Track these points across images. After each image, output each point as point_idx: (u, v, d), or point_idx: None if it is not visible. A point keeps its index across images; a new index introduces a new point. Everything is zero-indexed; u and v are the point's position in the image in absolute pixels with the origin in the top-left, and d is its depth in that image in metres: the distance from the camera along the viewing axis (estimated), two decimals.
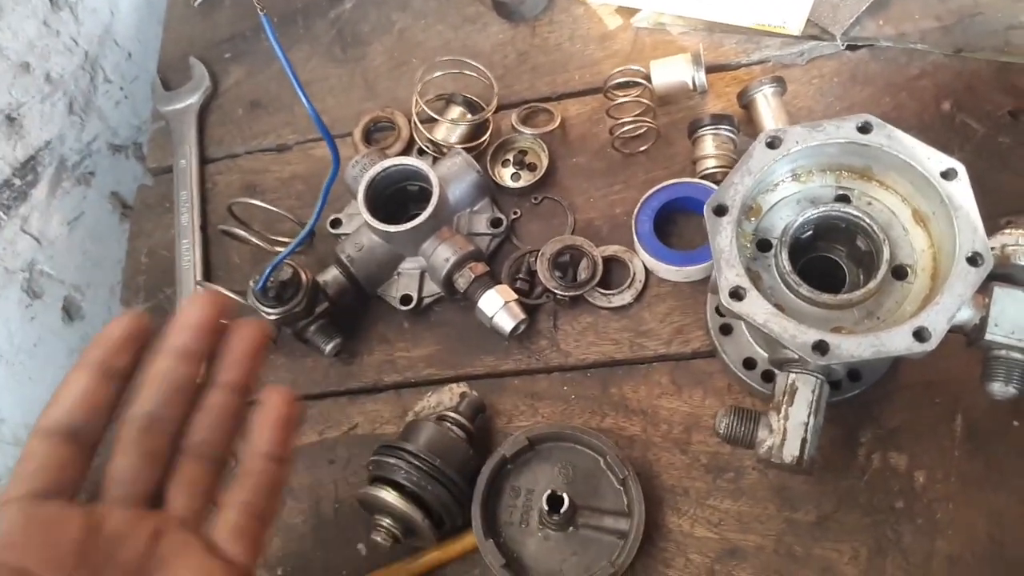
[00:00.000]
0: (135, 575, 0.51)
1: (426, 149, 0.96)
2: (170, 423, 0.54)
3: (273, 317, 0.81)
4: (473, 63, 0.95)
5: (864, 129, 0.66)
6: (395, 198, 0.89)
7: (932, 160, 0.64)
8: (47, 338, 1.02)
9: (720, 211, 0.65)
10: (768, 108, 0.88)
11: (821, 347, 0.60)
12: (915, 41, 0.93)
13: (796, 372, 0.66)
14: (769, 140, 0.66)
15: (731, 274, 0.63)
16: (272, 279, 0.79)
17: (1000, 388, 0.65)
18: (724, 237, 0.64)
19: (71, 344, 1.06)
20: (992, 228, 0.66)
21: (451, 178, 0.89)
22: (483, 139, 0.95)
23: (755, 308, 0.62)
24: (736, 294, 0.62)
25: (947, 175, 0.63)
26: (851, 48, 0.94)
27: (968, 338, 0.66)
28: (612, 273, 0.88)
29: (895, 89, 0.91)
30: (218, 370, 0.55)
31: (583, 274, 0.86)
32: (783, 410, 0.65)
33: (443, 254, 0.84)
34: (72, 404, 0.51)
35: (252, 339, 0.56)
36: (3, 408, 0.95)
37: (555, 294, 0.86)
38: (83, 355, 0.53)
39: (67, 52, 1.08)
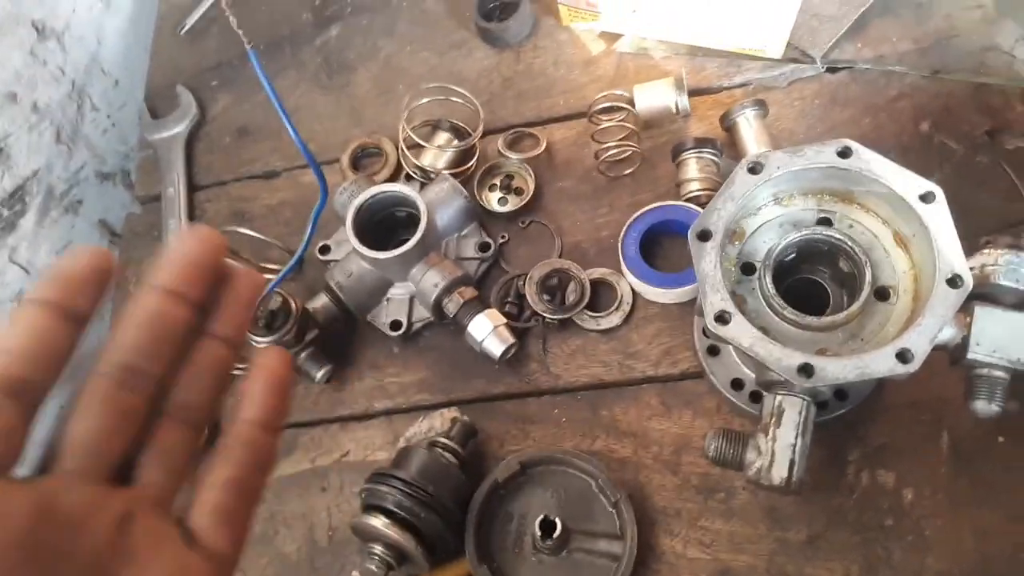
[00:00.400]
0: (96, 571, 0.39)
1: (413, 175, 0.97)
2: (151, 378, 0.42)
3: (263, 346, 0.81)
4: (459, 89, 0.96)
5: (844, 154, 0.67)
6: (383, 224, 0.89)
7: (910, 184, 0.65)
8: None
9: (704, 236, 0.66)
10: (750, 130, 0.90)
11: (806, 370, 0.61)
12: (893, 63, 0.94)
13: (783, 394, 0.66)
14: (751, 166, 0.68)
15: (716, 298, 0.64)
16: (261, 309, 0.79)
17: (984, 406, 0.65)
18: (708, 262, 0.65)
19: (64, 373, 1.05)
20: (972, 247, 0.67)
21: (438, 204, 0.89)
22: (470, 164, 0.96)
23: (741, 332, 0.62)
24: (722, 318, 0.63)
25: (925, 198, 0.65)
26: (831, 71, 0.95)
27: (951, 357, 0.67)
28: (600, 296, 0.89)
29: (875, 110, 0.92)
30: (212, 320, 0.45)
31: (571, 297, 0.87)
32: (771, 432, 0.65)
33: (432, 279, 0.85)
34: (20, 350, 0.39)
35: (254, 288, 0.47)
36: None
37: (544, 317, 0.87)
38: (34, 290, 0.41)
39: (54, 81, 1.08)
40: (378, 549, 0.73)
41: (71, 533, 0.38)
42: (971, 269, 0.65)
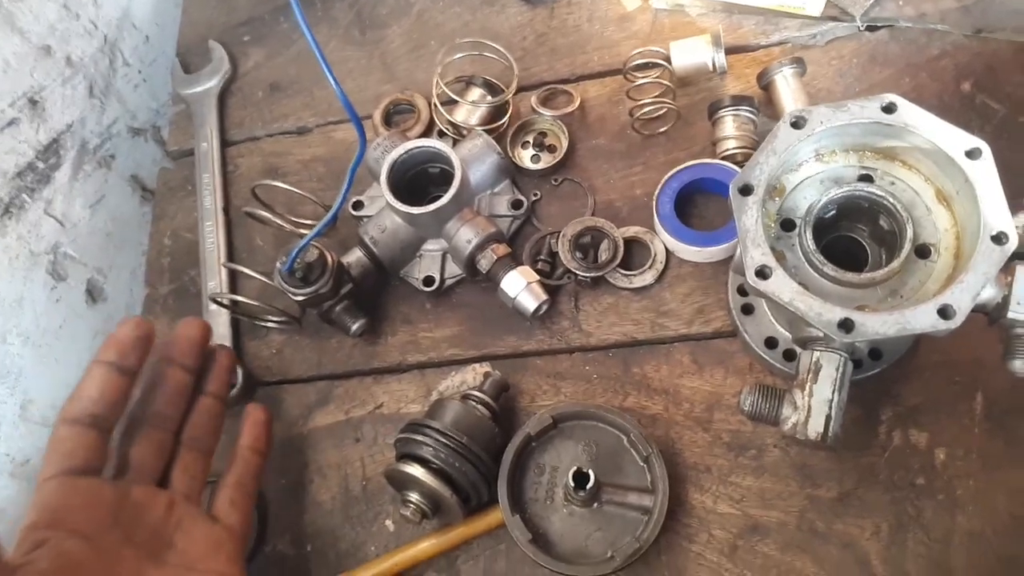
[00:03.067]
0: (159, 536, 0.66)
1: (446, 131, 0.97)
2: (173, 420, 0.73)
3: (300, 298, 0.82)
4: (493, 44, 0.96)
5: (888, 109, 0.66)
6: (417, 180, 0.89)
7: (956, 140, 0.65)
8: (71, 320, 1.04)
9: (746, 191, 0.65)
10: (788, 89, 0.89)
11: (846, 325, 0.61)
12: (935, 21, 0.93)
13: (820, 350, 0.66)
14: (794, 120, 0.67)
15: (757, 253, 0.63)
16: (299, 261, 0.79)
17: (1022, 365, 0.65)
18: (750, 216, 0.64)
19: (95, 326, 1.07)
20: (1013, 208, 0.66)
21: (472, 160, 0.89)
22: (503, 121, 0.95)
23: (781, 287, 0.62)
24: (762, 273, 0.63)
25: (971, 154, 0.64)
26: (870, 29, 0.94)
27: (990, 317, 0.66)
28: (633, 254, 0.89)
29: (915, 70, 0.91)
30: (205, 382, 0.77)
31: (604, 255, 0.87)
32: (807, 387, 0.66)
33: (465, 235, 0.85)
34: (93, 396, 0.65)
35: (230, 360, 0.80)
36: (31, 389, 0.96)
37: (576, 275, 0.87)
38: (99, 353, 0.68)
39: (86, 35, 1.08)
40: (414, 497, 0.74)
41: (140, 511, 0.66)
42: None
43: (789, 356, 0.78)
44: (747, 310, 0.81)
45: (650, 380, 0.84)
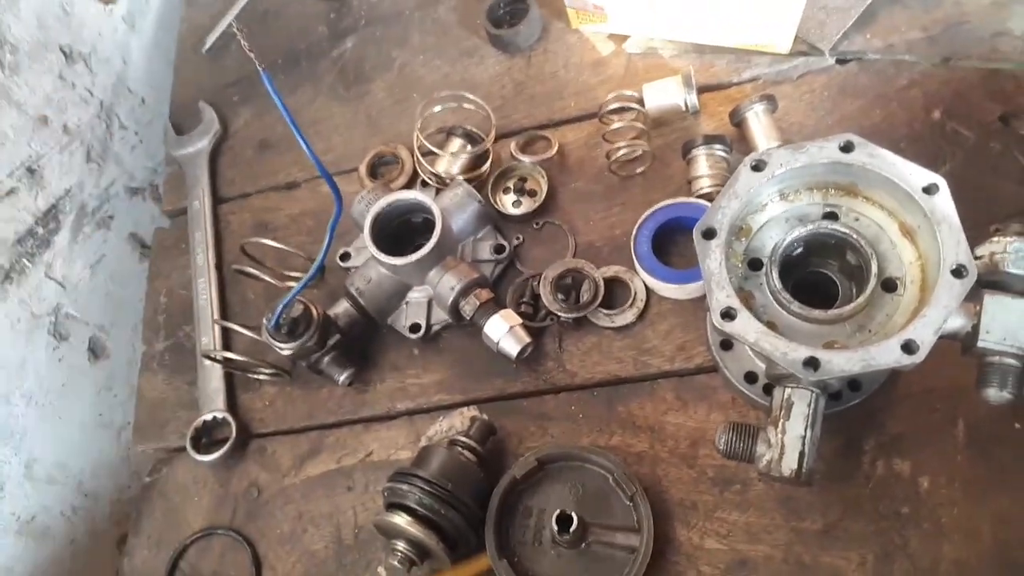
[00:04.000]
0: None
1: (429, 181, 0.99)
2: None
3: (287, 352, 0.84)
4: (471, 96, 0.98)
5: (846, 148, 0.68)
6: (401, 230, 0.92)
7: (913, 176, 0.66)
8: (74, 378, 1.06)
9: (709, 235, 0.67)
10: (760, 125, 0.90)
11: (812, 363, 0.62)
12: (903, 52, 0.94)
13: (791, 387, 0.67)
14: (754, 164, 0.68)
15: (722, 295, 0.65)
16: (284, 316, 0.82)
17: (995, 394, 0.66)
18: (713, 260, 0.66)
19: (98, 381, 1.10)
20: (984, 235, 0.67)
21: (454, 208, 0.91)
22: (484, 168, 0.98)
23: (746, 328, 0.64)
24: (728, 314, 0.64)
25: (929, 190, 0.65)
26: (840, 62, 0.95)
27: (962, 346, 0.67)
28: (614, 294, 0.90)
29: (885, 100, 0.92)
30: None
31: (585, 296, 0.89)
32: (780, 424, 0.66)
33: (449, 282, 0.87)
34: None
35: None
36: (35, 448, 0.99)
37: (559, 316, 0.88)
38: None
39: (83, 103, 1.12)
40: (401, 546, 0.75)
41: None
42: (979, 257, 0.66)
43: (769, 390, 0.79)
44: (726, 345, 0.82)
45: (635, 418, 0.85)
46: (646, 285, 0.89)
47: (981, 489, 0.75)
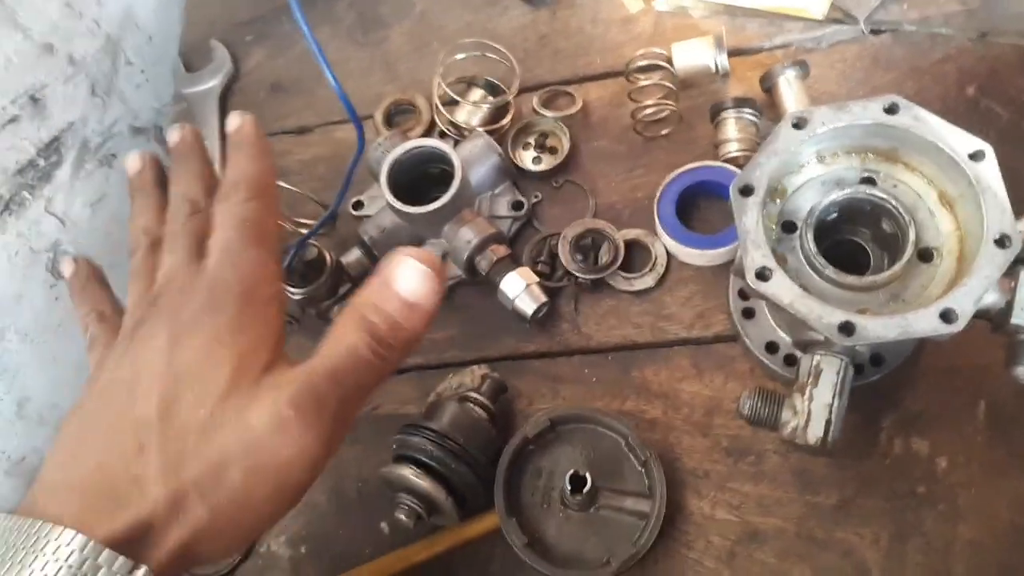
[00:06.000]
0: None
1: (447, 132, 0.96)
2: None
3: (298, 297, 0.81)
4: (495, 45, 0.95)
5: (891, 110, 0.66)
6: (417, 180, 0.89)
7: (959, 141, 0.64)
8: (70, 318, 1.03)
9: (746, 191, 0.65)
10: (791, 92, 0.88)
11: (847, 328, 0.60)
12: (939, 25, 0.92)
13: (821, 354, 0.65)
14: (795, 121, 0.66)
15: (757, 255, 0.63)
16: (297, 259, 0.79)
17: None
18: (750, 217, 0.64)
19: None
20: (1017, 213, 0.65)
21: (473, 160, 0.89)
22: (504, 122, 0.95)
23: (781, 289, 0.62)
24: (762, 275, 0.62)
25: (975, 156, 0.63)
26: (874, 32, 0.93)
27: (993, 323, 0.65)
28: (633, 257, 0.88)
29: (918, 74, 0.90)
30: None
31: (604, 258, 0.86)
32: (807, 391, 0.65)
33: (465, 236, 0.84)
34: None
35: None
36: (28, 387, 0.96)
37: (576, 277, 0.86)
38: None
39: (89, 34, 1.08)
40: (408, 499, 0.74)
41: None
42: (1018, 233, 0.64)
43: (790, 361, 0.77)
44: (748, 314, 0.80)
45: (649, 384, 0.83)
46: (667, 250, 0.87)
47: (999, 471, 0.73)
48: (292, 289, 0.81)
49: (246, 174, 0.63)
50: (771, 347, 0.79)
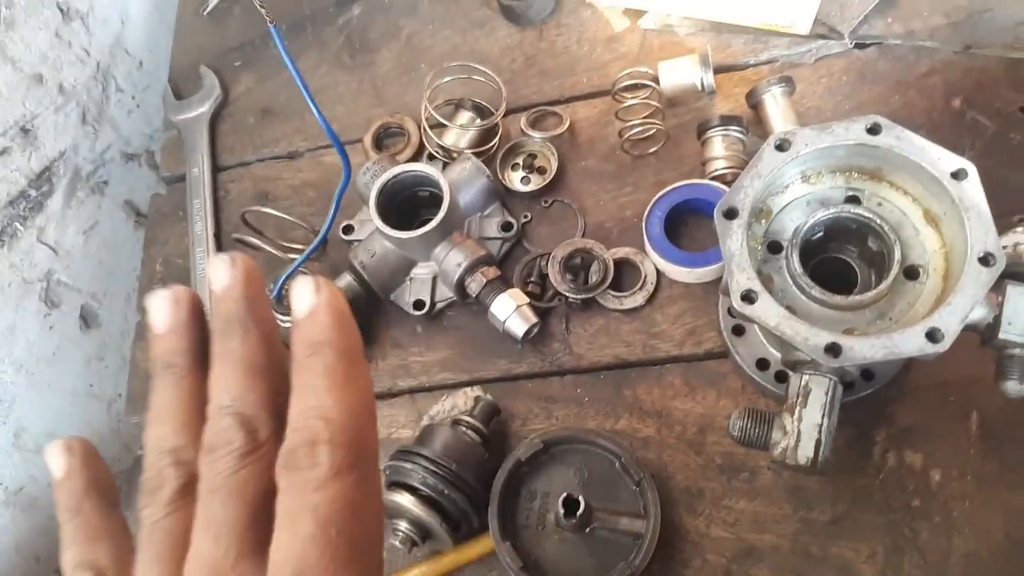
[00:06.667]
0: None
1: (436, 155, 0.97)
2: None
3: (289, 325, 0.81)
4: (481, 68, 0.96)
5: (873, 130, 0.66)
6: (406, 204, 0.89)
7: (942, 160, 0.64)
8: (65, 346, 1.04)
9: (730, 214, 0.65)
10: (777, 108, 0.88)
11: (833, 349, 0.60)
12: (924, 38, 0.92)
13: (809, 374, 0.66)
14: (778, 143, 0.67)
15: (742, 277, 0.63)
16: (286, 288, 0.79)
17: (1015, 387, 0.65)
18: (735, 240, 0.64)
19: (88, 351, 1.07)
20: (1004, 226, 0.66)
21: (461, 183, 0.89)
22: (492, 143, 0.95)
23: (767, 311, 0.62)
24: (748, 297, 0.63)
25: (957, 175, 0.64)
26: (859, 47, 0.93)
27: (982, 337, 0.66)
28: (623, 275, 0.88)
29: (904, 87, 0.91)
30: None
31: (594, 277, 0.87)
32: (796, 412, 0.65)
33: (455, 259, 0.84)
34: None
35: None
36: (25, 417, 0.96)
37: (567, 297, 0.86)
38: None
39: (79, 63, 1.09)
40: (403, 526, 0.74)
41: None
42: (1003, 248, 0.64)
43: (781, 378, 0.78)
44: (738, 331, 0.81)
45: (642, 402, 0.83)
46: (656, 268, 0.87)
47: (993, 483, 0.74)
48: (283, 317, 0.81)
49: (336, 413, 0.37)
50: (762, 364, 0.79)
